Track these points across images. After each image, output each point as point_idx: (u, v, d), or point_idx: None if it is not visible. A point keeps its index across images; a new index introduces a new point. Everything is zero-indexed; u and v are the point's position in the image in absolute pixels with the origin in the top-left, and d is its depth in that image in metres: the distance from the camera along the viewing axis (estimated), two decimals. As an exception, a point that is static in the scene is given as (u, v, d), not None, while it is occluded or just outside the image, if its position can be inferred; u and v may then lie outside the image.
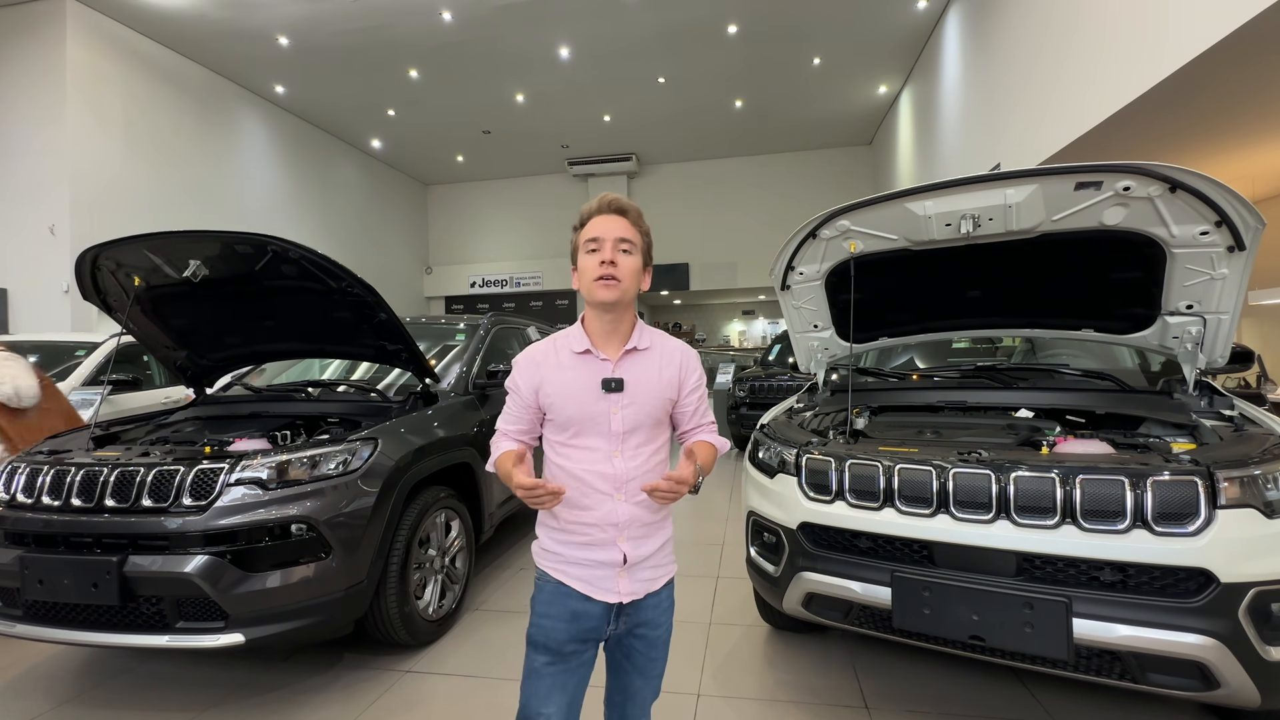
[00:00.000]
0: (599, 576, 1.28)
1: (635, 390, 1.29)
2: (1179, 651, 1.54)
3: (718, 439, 1.42)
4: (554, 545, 1.31)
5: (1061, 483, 1.70)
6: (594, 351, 1.29)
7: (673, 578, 1.39)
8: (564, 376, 1.29)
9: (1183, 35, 3.86)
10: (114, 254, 2.57)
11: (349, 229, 12.64)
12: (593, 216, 1.30)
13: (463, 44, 8.99)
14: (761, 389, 7.00)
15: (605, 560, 1.28)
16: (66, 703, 2.33)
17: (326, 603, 2.22)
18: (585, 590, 1.28)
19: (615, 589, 1.28)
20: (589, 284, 1.27)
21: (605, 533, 1.27)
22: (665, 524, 1.37)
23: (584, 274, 1.28)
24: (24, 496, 2.27)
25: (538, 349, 1.34)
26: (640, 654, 1.34)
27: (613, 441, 1.27)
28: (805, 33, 8.97)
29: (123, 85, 8.05)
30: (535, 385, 1.30)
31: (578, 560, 1.29)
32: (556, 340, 1.34)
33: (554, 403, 1.28)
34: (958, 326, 2.80)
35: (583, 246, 1.29)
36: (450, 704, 2.29)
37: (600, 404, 1.27)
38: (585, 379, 1.28)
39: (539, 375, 1.30)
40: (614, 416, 1.27)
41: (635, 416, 1.28)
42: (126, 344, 4.40)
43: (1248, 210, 1.87)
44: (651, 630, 1.34)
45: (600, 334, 1.31)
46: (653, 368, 1.32)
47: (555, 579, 1.30)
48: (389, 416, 2.77)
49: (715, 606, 3.10)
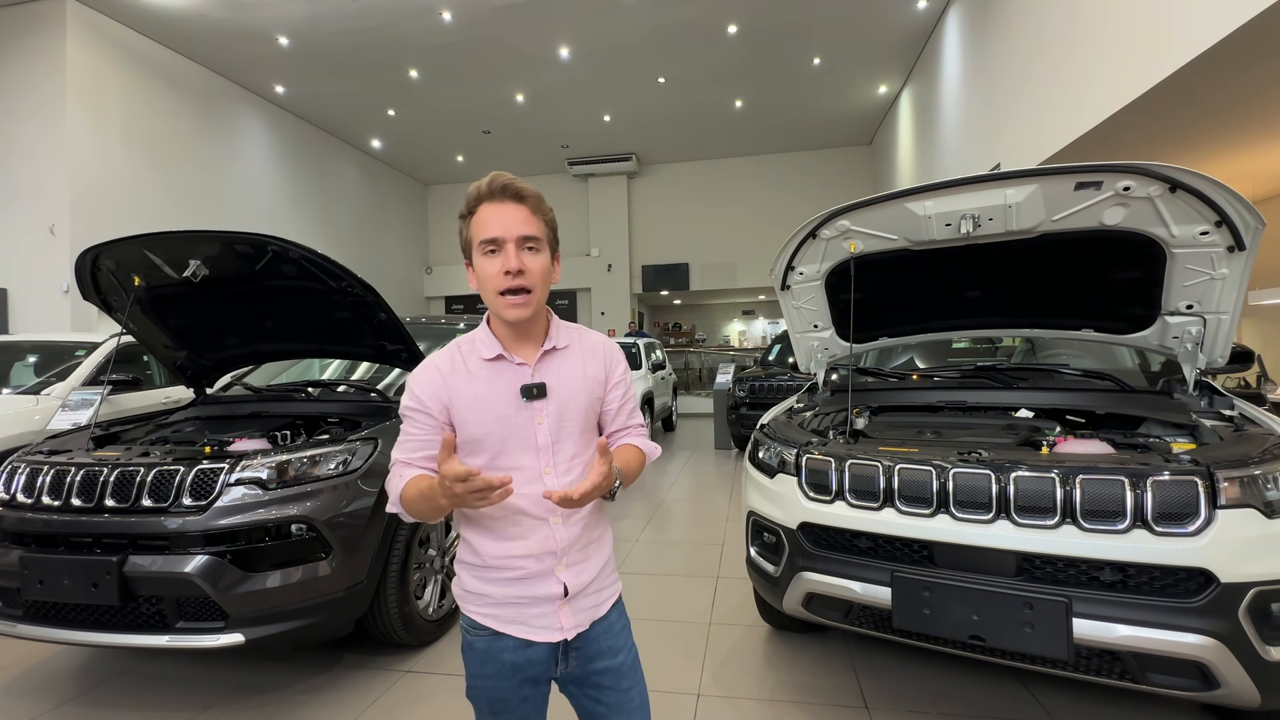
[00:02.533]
0: (536, 615, 1.11)
1: (559, 394, 1.12)
2: (1179, 651, 1.54)
3: (648, 444, 1.26)
4: (480, 585, 1.13)
5: (1061, 483, 1.70)
6: (507, 356, 1.12)
7: (619, 596, 1.25)
8: (476, 388, 1.10)
9: (1183, 35, 3.86)
10: (114, 254, 2.57)
11: (349, 229, 12.64)
12: (483, 203, 1.07)
13: (463, 44, 9.00)
14: (761, 389, 7.01)
15: (542, 595, 1.11)
16: (66, 703, 2.34)
17: (326, 603, 2.22)
18: (522, 634, 1.11)
19: (557, 625, 1.12)
20: (493, 297, 1.07)
21: (542, 563, 1.11)
22: (605, 540, 1.22)
23: (484, 281, 1.07)
24: (24, 496, 2.27)
25: (440, 359, 1.13)
26: (610, 689, 1.17)
27: (541, 457, 1.11)
28: (805, 33, 8.97)
29: (122, 85, 8.05)
30: (445, 401, 1.10)
31: (509, 599, 1.11)
32: (461, 347, 1.15)
33: (468, 418, 1.09)
34: (958, 326, 2.80)
35: (477, 246, 1.07)
36: (450, 704, 2.28)
37: (522, 414, 1.10)
38: (501, 388, 1.10)
39: (448, 390, 1.10)
40: (539, 427, 1.11)
41: (562, 424, 1.12)
42: (126, 344, 4.40)
43: (1248, 210, 1.87)
44: (612, 659, 1.17)
45: (512, 337, 1.13)
46: (575, 367, 1.16)
47: (486, 628, 1.12)
48: (389, 416, 2.77)
49: (715, 606, 3.10)
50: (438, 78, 10.02)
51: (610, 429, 1.25)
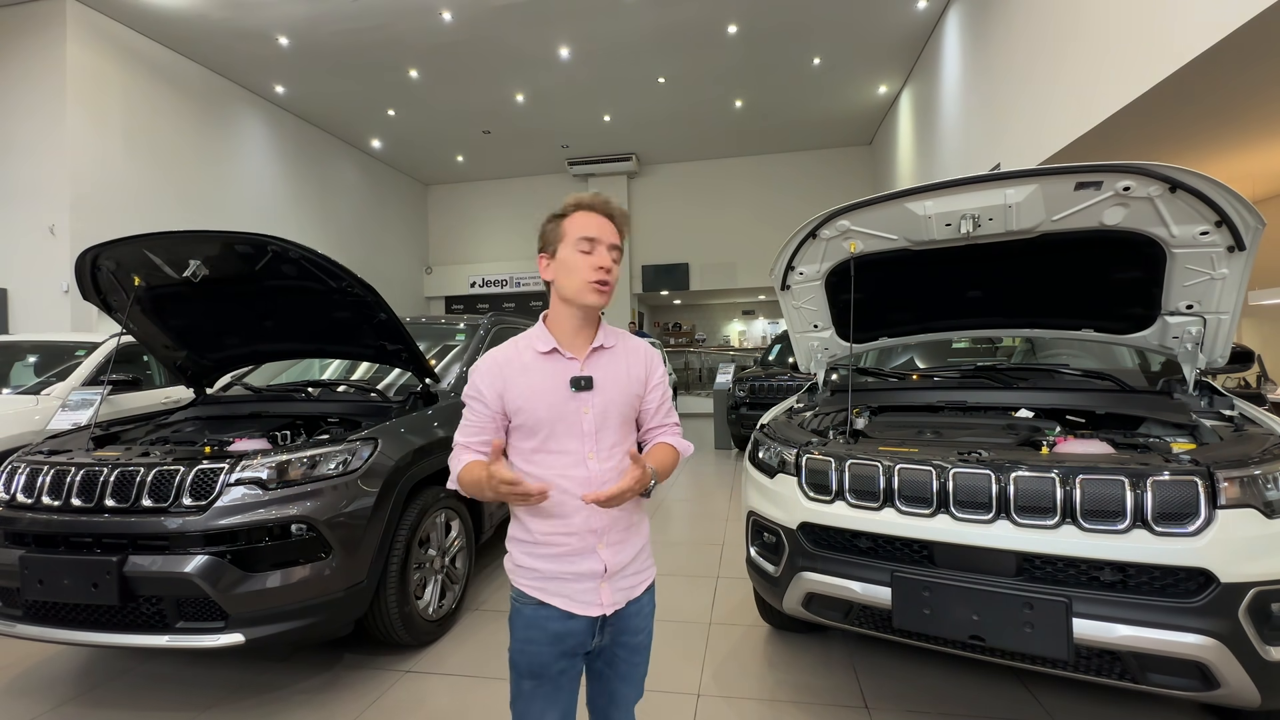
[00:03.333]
0: (580, 590, 1.24)
1: (605, 388, 1.26)
2: (1179, 651, 1.54)
3: (681, 442, 1.38)
4: (529, 560, 1.26)
5: (1061, 483, 1.70)
6: (560, 351, 1.25)
7: (653, 581, 1.37)
8: (530, 378, 1.24)
9: (1183, 35, 3.86)
10: (114, 254, 2.57)
11: (349, 229, 12.63)
12: (582, 210, 1.25)
13: (463, 44, 8.99)
14: (761, 389, 7.01)
15: (585, 571, 1.24)
16: (66, 703, 2.34)
17: (326, 603, 2.22)
18: (566, 606, 1.23)
19: (597, 601, 1.24)
20: (581, 285, 1.22)
21: (584, 540, 1.24)
22: (643, 525, 1.35)
23: (575, 271, 1.22)
24: (24, 496, 2.27)
25: (499, 352, 1.28)
26: (623, 661, 1.31)
27: (586, 443, 1.24)
28: (805, 33, 8.97)
29: (122, 85, 8.05)
30: (500, 390, 1.24)
31: (556, 574, 1.24)
32: (518, 342, 1.29)
33: (522, 405, 1.22)
34: (958, 326, 2.79)
35: (574, 242, 1.23)
36: (450, 704, 2.29)
37: (571, 404, 1.23)
38: (553, 379, 1.24)
39: (503, 379, 1.24)
40: (585, 416, 1.24)
41: (606, 415, 1.26)
42: (126, 344, 4.40)
43: (1248, 210, 1.87)
44: (634, 637, 1.31)
45: (567, 333, 1.27)
46: (620, 365, 1.30)
47: (534, 599, 1.25)
48: (389, 416, 2.77)
49: (715, 606, 3.10)
50: (438, 78, 10.02)
51: (648, 425, 1.38)
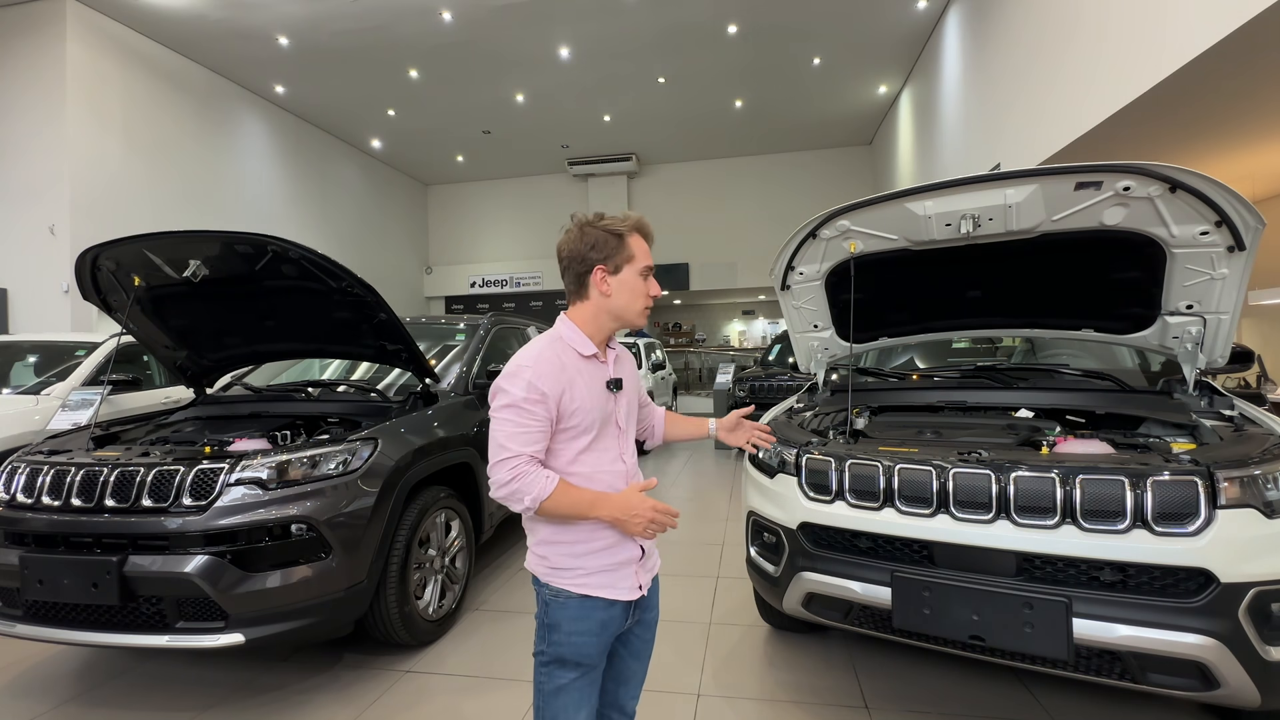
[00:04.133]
0: (621, 577, 1.30)
1: (627, 388, 1.37)
2: (1179, 651, 1.54)
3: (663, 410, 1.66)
4: (570, 561, 1.28)
5: (1061, 483, 1.70)
6: (599, 354, 1.33)
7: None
8: (585, 380, 1.28)
9: (1183, 35, 3.86)
10: (114, 254, 2.57)
11: (349, 229, 12.63)
12: (640, 235, 1.32)
13: (463, 44, 8.99)
14: (761, 389, 7.01)
15: (626, 559, 1.30)
16: (66, 703, 2.33)
17: (327, 603, 2.22)
18: (609, 594, 1.28)
19: (636, 584, 1.32)
20: (640, 309, 1.32)
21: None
22: None
23: (637, 297, 1.31)
24: (24, 496, 2.27)
25: (550, 353, 1.26)
26: (638, 638, 1.40)
27: (620, 440, 1.34)
28: (805, 33, 8.97)
29: (122, 85, 8.05)
30: (561, 392, 1.23)
31: (600, 567, 1.28)
32: (556, 344, 1.29)
33: (580, 406, 1.25)
34: (958, 326, 2.79)
35: (640, 269, 1.31)
36: (450, 704, 2.29)
37: (609, 404, 1.32)
38: (598, 380, 1.31)
39: (564, 380, 1.23)
40: (618, 415, 1.34)
41: (630, 412, 1.39)
42: (126, 344, 4.40)
43: (1248, 210, 1.87)
44: (650, 613, 1.41)
45: (601, 340, 1.34)
46: (629, 367, 1.43)
47: (578, 594, 1.26)
48: (389, 416, 2.77)
49: (715, 606, 3.10)
50: (438, 78, 10.02)
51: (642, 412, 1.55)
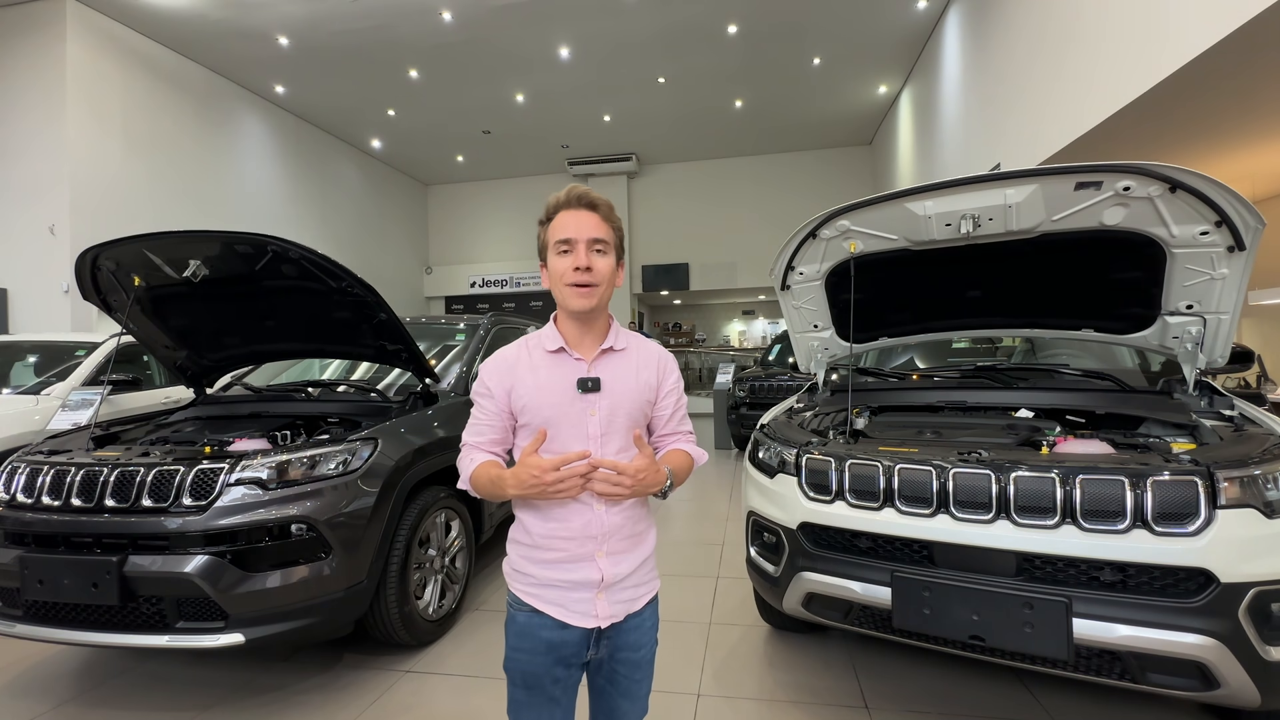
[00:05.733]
0: (574, 599, 1.19)
1: (612, 390, 1.22)
2: (1179, 651, 1.54)
3: (696, 450, 1.33)
4: (525, 565, 1.22)
5: (1061, 483, 1.70)
6: (568, 351, 1.23)
7: (656, 595, 1.31)
8: (538, 377, 1.21)
9: (1182, 35, 3.86)
10: (114, 254, 2.57)
11: (349, 229, 12.63)
12: (560, 210, 1.21)
13: (463, 44, 8.99)
14: (761, 389, 7.02)
15: (580, 580, 1.19)
16: (66, 703, 2.33)
17: (327, 603, 2.22)
18: (560, 616, 1.19)
19: (592, 612, 1.19)
20: (562, 289, 1.19)
21: (583, 547, 1.19)
22: (648, 537, 1.29)
23: (556, 277, 1.20)
24: (24, 496, 2.27)
25: (508, 351, 1.26)
26: (624, 677, 1.26)
27: (591, 445, 1.19)
28: (805, 33, 8.97)
29: (122, 85, 8.05)
30: (508, 388, 1.21)
31: (551, 581, 1.20)
32: (528, 341, 1.27)
33: (528, 404, 1.20)
34: (958, 326, 2.79)
35: (553, 247, 1.20)
36: (450, 704, 2.29)
37: (576, 405, 1.19)
38: (560, 378, 1.21)
39: (512, 377, 1.22)
40: (591, 419, 1.20)
41: (613, 419, 1.21)
42: (126, 344, 4.40)
43: (1248, 210, 1.87)
44: (634, 652, 1.25)
45: (574, 335, 1.24)
46: (630, 369, 1.26)
47: (528, 605, 1.21)
48: (389, 416, 2.77)
49: (715, 606, 3.10)
50: (438, 78, 10.01)
51: (661, 432, 1.34)
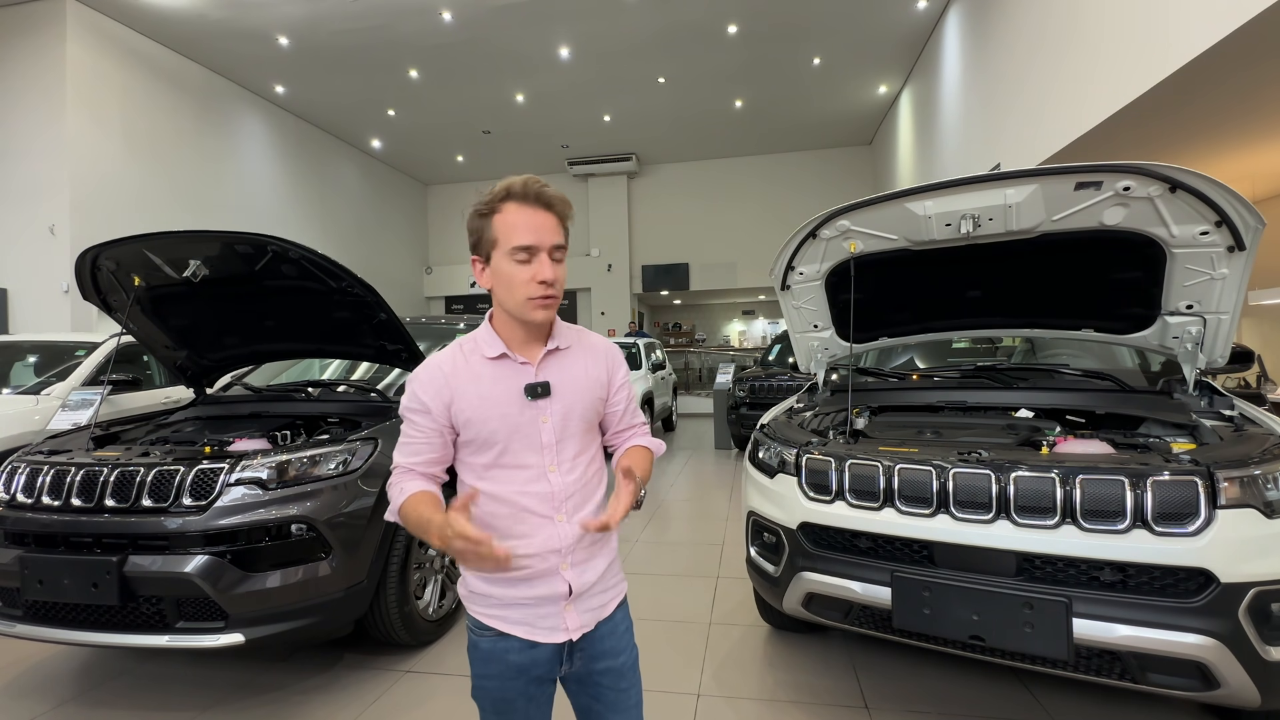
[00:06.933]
0: (541, 615, 1.11)
1: (563, 393, 1.13)
2: (1179, 651, 1.54)
3: (651, 440, 1.27)
4: (484, 586, 1.12)
5: (1061, 483, 1.70)
6: (511, 355, 1.12)
7: (625, 597, 1.25)
8: (480, 387, 1.10)
9: (1183, 36, 3.86)
10: (114, 254, 2.57)
11: (349, 229, 12.63)
12: (512, 203, 1.06)
13: (463, 44, 8.99)
14: (761, 389, 7.01)
15: (547, 595, 1.11)
16: (67, 703, 2.33)
17: (326, 603, 2.22)
18: (528, 635, 1.11)
19: (562, 625, 1.12)
20: (521, 302, 1.07)
21: (546, 562, 1.10)
22: (610, 540, 1.22)
23: (514, 288, 1.07)
24: (24, 496, 2.27)
25: (443, 359, 1.13)
26: (609, 689, 1.18)
27: (546, 455, 1.11)
28: (805, 33, 8.96)
29: (122, 85, 8.04)
30: (447, 401, 1.09)
31: (515, 600, 1.11)
32: (463, 346, 1.15)
33: (473, 417, 1.09)
34: (958, 326, 2.80)
35: (508, 251, 1.06)
36: (450, 704, 2.28)
37: (527, 413, 1.10)
38: (506, 387, 1.11)
39: (450, 389, 1.10)
40: (544, 426, 1.11)
41: (566, 423, 1.13)
42: (126, 344, 4.40)
43: (1248, 210, 1.87)
44: (614, 659, 1.18)
45: (517, 337, 1.13)
46: (578, 367, 1.17)
47: (491, 628, 1.12)
48: (389, 416, 2.76)
49: (715, 606, 3.10)
50: (438, 78, 10.01)
51: (616, 429, 1.27)
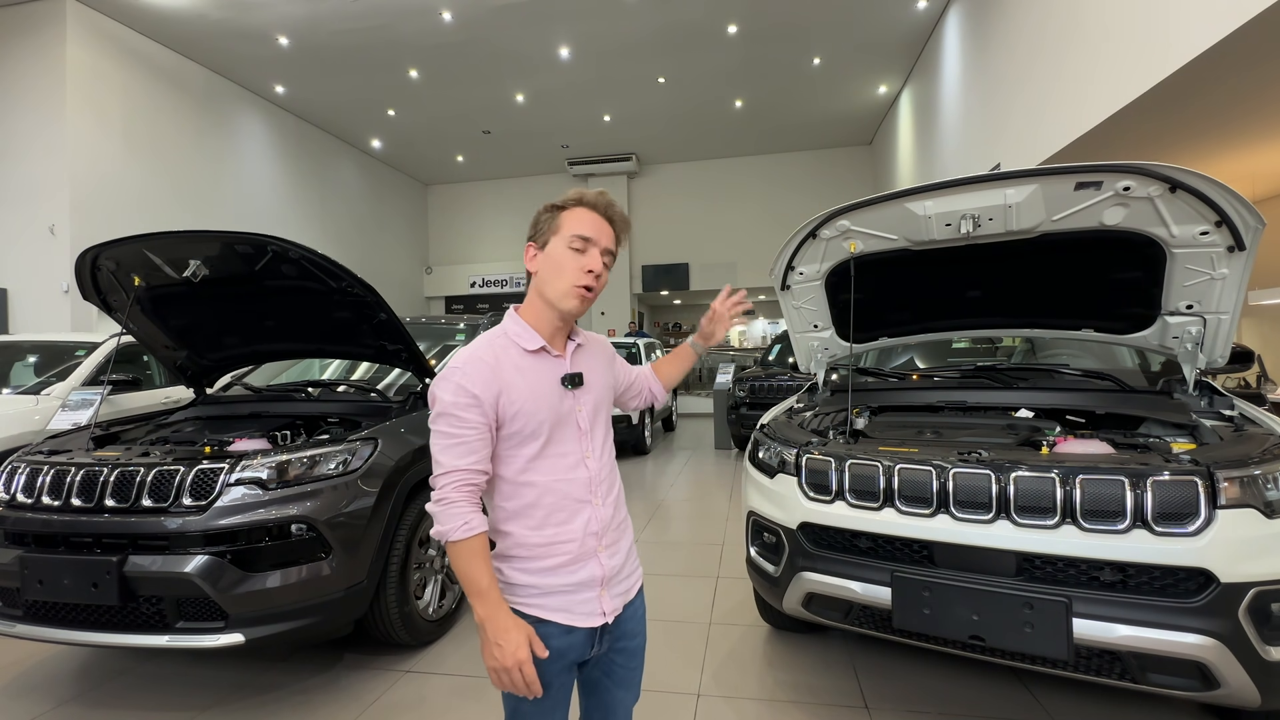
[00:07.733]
0: (581, 600, 1.16)
1: (593, 384, 1.23)
2: (1179, 651, 1.54)
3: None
4: (526, 578, 1.15)
5: (1061, 483, 1.70)
6: (548, 349, 1.18)
7: (642, 582, 1.32)
8: (527, 379, 1.14)
9: (1183, 36, 3.86)
10: (114, 254, 2.57)
11: (349, 229, 12.63)
12: (584, 207, 1.18)
13: (463, 44, 8.99)
14: (761, 389, 7.02)
15: (585, 580, 1.16)
16: (67, 703, 2.33)
17: (326, 603, 2.22)
18: (568, 620, 1.15)
19: (599, 610, 1.18)
20: (567, 288, 1.15)
21: (585, 545, 1.16)
22: (629, 525, 1.31)
23: (562, 271, 1.15)
24: (24, 496, 2.27)
25: (483, 351, 1.14)
26: (621, 666, 1.25)
27: (583, 442, 1.19)
28: (805, 33, 8.96)
29: (122, 85, 8.04)
30: (497, 392, 1.10)
31: (557, 588, 1.15)
32: (496, 341, 1.17)
33: (522, 409, 1.12)
34: (958, 326, 2.79)
35: (568, 238, 1.16)
36: (450, 704, 2.29)
37: (565, 403, 1.17)
38: (547, 378, 1.16)
39: (500, 380, 1.11)
40: (580, 415, 1.19)
41: (596, 411, 1.23)
42: (126, 344, 4.40)
43: (1248, 210, 1.87)
44: (631, 640, 1.26)
45: (550, 331, 1.20)
46: (600, 361, 1.29)
47: (531, 616, 1.14)
48: (389, 416, 2.77)
49: (715, 606, 3.10)
50: (438, 78, 10.01)
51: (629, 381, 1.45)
